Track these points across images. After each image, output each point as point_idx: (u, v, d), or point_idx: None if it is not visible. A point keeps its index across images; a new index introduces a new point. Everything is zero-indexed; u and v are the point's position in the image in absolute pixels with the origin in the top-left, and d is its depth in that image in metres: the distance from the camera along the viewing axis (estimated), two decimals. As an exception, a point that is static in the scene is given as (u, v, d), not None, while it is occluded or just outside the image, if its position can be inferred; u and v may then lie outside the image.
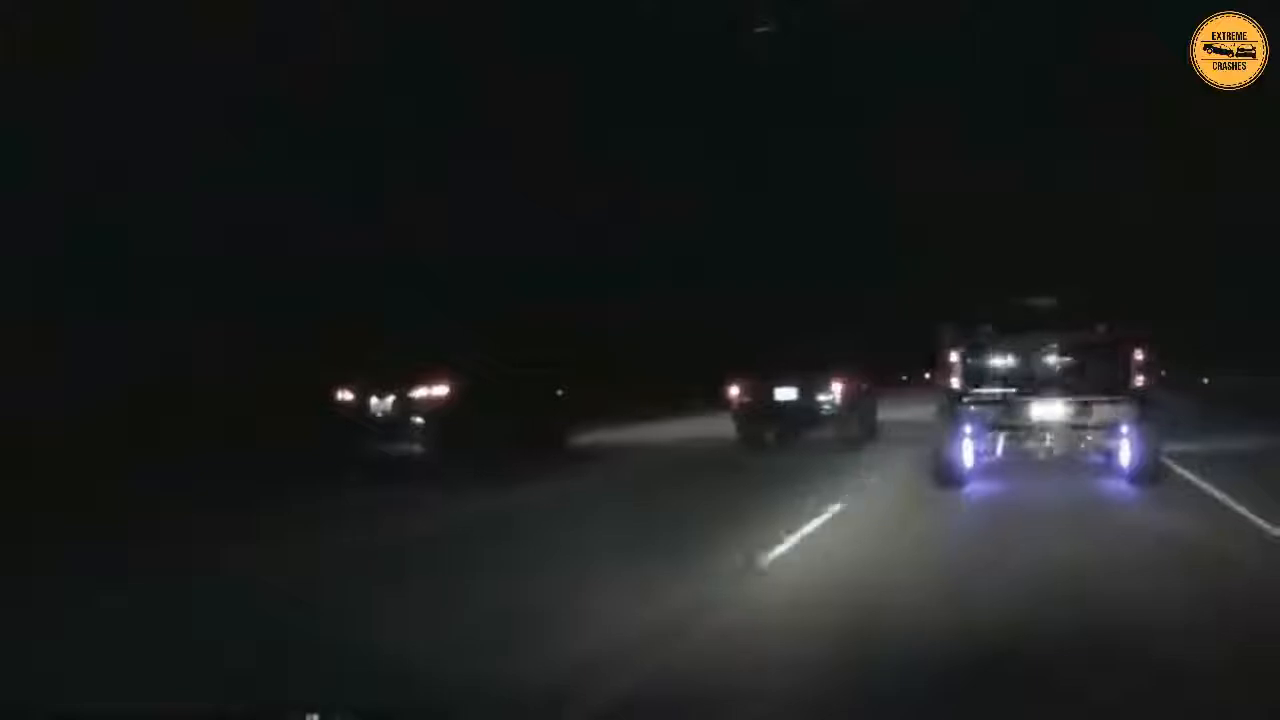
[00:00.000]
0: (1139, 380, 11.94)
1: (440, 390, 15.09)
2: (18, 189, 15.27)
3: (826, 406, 17.62)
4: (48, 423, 14.77)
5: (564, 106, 24.07)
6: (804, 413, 17.74)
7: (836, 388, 17.59)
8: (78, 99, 16.21)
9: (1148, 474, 11.81)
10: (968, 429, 12.21)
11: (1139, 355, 11.96)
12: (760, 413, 18.06)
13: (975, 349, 12.47)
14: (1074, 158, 32.66)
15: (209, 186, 17.82)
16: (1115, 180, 32.72)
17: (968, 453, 12.27)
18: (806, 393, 17.66)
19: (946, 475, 12.10)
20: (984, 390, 12.33)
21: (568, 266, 27.49)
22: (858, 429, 18.12)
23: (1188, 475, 12.33)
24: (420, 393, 15.12)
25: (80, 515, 10.93)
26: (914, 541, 9.02)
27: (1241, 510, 9.70)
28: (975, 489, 12.10)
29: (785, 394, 17.81)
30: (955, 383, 12.31)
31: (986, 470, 12.75)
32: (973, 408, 12.26)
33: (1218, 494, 10.80)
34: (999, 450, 12.65)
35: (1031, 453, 12.52)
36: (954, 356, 12.34)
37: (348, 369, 15.69)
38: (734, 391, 18.23)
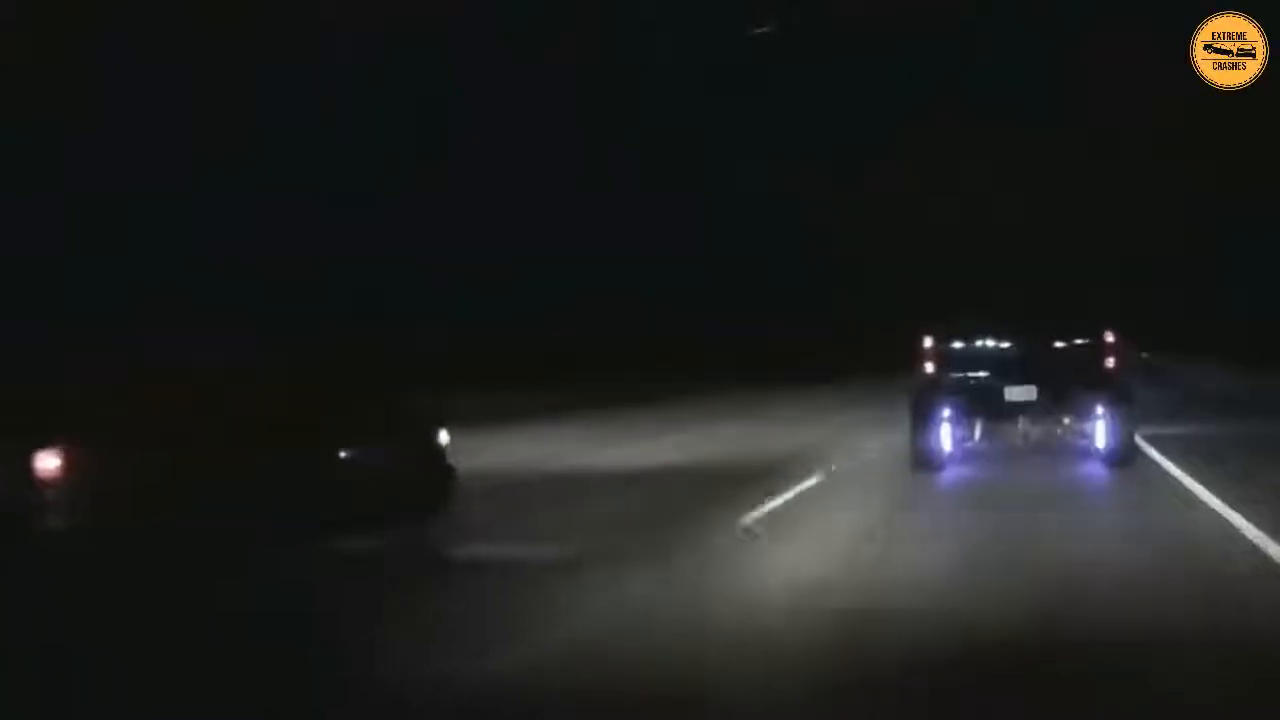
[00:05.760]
0: (1109, 363, 12.20)
1: None
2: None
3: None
4: None
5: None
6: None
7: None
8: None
9: (1123, 456, 12.02)
10: (945, 414, 12.37)
11: (1109, 338, 12.25)
12: None
13: (951, 336, 12.62)
14: (1073, 157, 32.74)
15: None
16: (1117, 180, 32.81)
17: (946, 438, 12.44)
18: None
19: (924, 459, 12.17)
20: (960, 376, 12.52)
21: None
22: None
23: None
24: None
25: None
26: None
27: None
28: (952, 474, 12.10)
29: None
30: (930, 369, 12.47)
31: (965, 455, 12.86)
32: (949, 394, 12.40)
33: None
34: (977, 435, 12.94)
35: (1009, 437, 12.82)
36: (929, 343, 12.48)
37: None
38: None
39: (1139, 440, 12.91)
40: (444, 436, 8.58)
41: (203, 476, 6.70)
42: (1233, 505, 8.72)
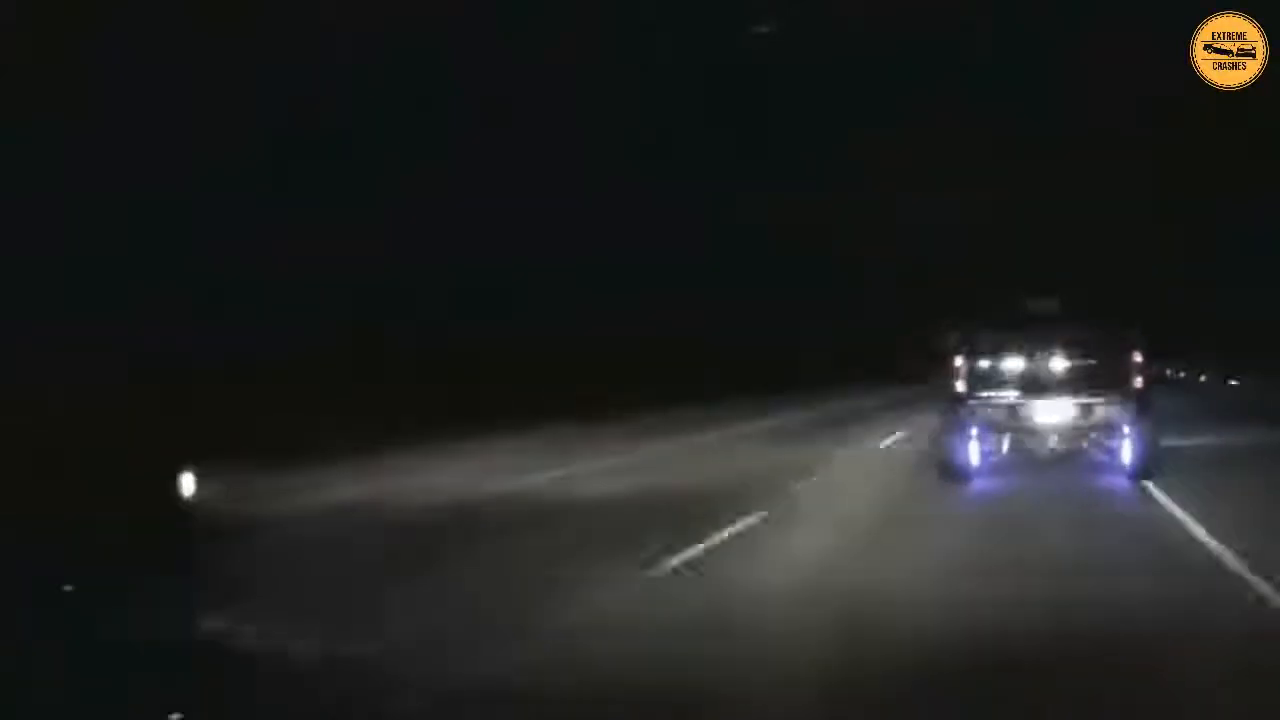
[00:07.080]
0: (1137, 381, 12.42)
1: None
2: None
3: None
4: None
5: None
6: None
7: None
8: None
9: (1147, 469, 12.26)
10: (974, 430, 12.54)
11: (1136, 357, 12.44)
12: None
13: (978, 352, 12.78)
14: (1073, 157, 32.73)
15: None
16: (1115, 182, 32.78)
17: (974, 452, 12.60)
18: None
19: (954, 472, 12.46)
20: (989, 394, 12.67)
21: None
22: None
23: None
24: None
25: None
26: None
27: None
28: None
29: None
30: (960, 386, 12.62)
31: (993, 468, 13.04)
32: (978, 410, 12.59)
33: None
34: (1005, 449, 13.12)
35: (1036, 451, 12.96)
36: (958, 360, 12.66)
37: None
38: None
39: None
40: (188, 484, 6.20)
41: None
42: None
